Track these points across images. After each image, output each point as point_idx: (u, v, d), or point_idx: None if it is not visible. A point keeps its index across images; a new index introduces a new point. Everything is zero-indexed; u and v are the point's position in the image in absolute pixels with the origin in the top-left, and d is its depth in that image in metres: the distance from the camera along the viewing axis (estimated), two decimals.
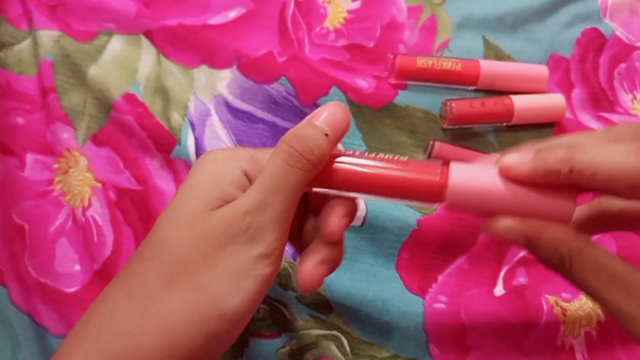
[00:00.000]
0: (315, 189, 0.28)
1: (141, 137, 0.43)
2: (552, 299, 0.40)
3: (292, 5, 0.47)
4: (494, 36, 0.47)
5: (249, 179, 0.28)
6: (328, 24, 0.47)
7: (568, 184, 0.23)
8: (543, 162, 0.24)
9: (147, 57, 0.45)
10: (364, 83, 0.44)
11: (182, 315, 0.25)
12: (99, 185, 0.42)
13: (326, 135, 0.26)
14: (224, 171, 0.27)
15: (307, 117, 0.28)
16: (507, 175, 0.25)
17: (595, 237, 0.41)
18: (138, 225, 0.41)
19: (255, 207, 0.26)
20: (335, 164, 0.27)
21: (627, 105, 0.45)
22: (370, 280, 0.40)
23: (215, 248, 0.25)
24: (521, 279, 0.40)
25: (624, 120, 0.44)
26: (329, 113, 0.27)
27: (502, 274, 0.41)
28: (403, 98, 0.44)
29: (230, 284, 0.25)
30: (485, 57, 0.46)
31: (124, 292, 0.26)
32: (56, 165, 0.43)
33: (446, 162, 0.27)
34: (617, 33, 0.47)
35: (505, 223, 0.25)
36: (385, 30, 0.47)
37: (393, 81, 0.44)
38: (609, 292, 0.23)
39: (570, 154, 0.23)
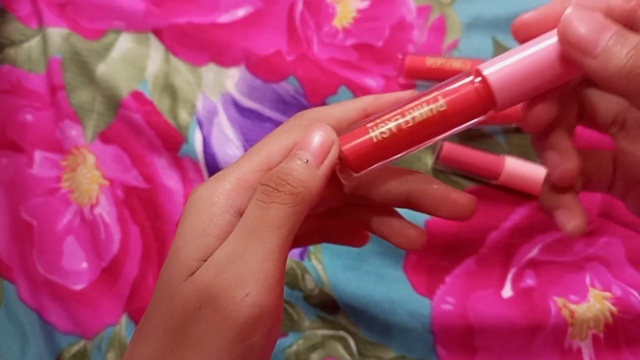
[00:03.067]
0: (357, 175, 0.25)
1: (149, 135, 0.43)
2: (560, 301, 0.40)
3: (300, 5, 0.47)
4: (504, 37, 0.46)
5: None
6: (337, 23, 0.47)
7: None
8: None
9: (155, 55, 0.45)
10: (372, 83, 0.44)
11: None
12: (107, 182, 0.43)
13: (306, 161, 0.23)
14: (209, 224, 0.23)
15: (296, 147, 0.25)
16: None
17: (603, 240, 0.41)
18: (145, 223, 0.42)
19: (232, 259, 0.22)
20: (366, 137, 0.24)
21: None
22: (377, 281, 0.40)
23: (194, 321, 0.21)
24: (529, 281, 0.40)
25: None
26: (305, 137, 0.24)
27: (510, 275, 0.40)
28: None
29: None
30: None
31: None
32: (64, 163, 0.43)
33: (466, 73, 0.24)
34: None
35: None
36: (394, 30, 0.46)
37: (402, 81, 0.44)
38: None
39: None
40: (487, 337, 0.39)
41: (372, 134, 0.24)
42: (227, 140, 0.43)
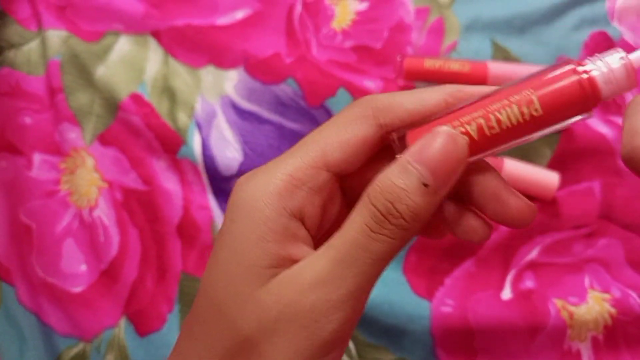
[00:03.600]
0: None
1: (148, 137, 0.43)
2: (559, 303, 0.39)
3: (299, 7, 0.47)
4: (502, 39, 0.46)
5: (303, 217, 0.21)
6: (335, 25, 0.47)
7: None
8: None
9: (154, 57, 0.46)
10: (371, 84, 0.44)
11: None
12: (106, 185, 0.43)
13: (425, 185, 0.19)
14: (265, 229, 0.20)
15: (406, 153, 0.20)
16: None
17: (602, 242, 0.41)
18: (144, 225, 0.42)
19: (323, 281, 0.20)
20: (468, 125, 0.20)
21: None
22: (377, 284, 0.40)
23: (271, 334, 0.20)
24: (528, 283, 0.40)
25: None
26: (432, 149, 0.19)
27: (509, 277, 0.40)
28: None
29: None
30: (494, 59, 0.46)
31: None
32: (63, 165, 0.43)
33: (566, 62, 0.20)
34: (625, 37, 0.47)
35: None
36: (392, 32, 0.47)
37: (401, 83, 0.44)
38: None
39: None
40: (487, 339, 0.39)
41: (449, 140, 0.20)
42: (226, 142, 0.43)
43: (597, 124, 0.44)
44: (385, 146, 0.23)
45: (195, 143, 0.42)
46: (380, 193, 0.19)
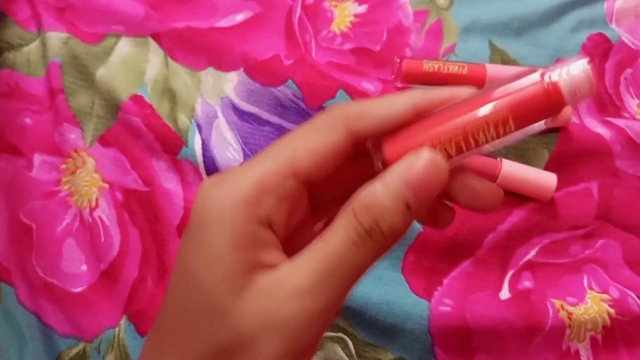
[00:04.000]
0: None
1: (148, 138, 0.43)
2: (557, 303, 0.40)
3: (299, 9, 0.47)
4: (500, 41, 0.47)
5: (271, 223, 0.21)
6: (335, 27, 0.47)
7: None
8: None
9: (154, 59, 0.46)
10: (370, 86, 0.45)
11: None
12: (106, 186, 0.43)
13: (407, 206, 0.20)
14: (235, 237, 0.20)
15: (393, 172, 0.20)
16: None
17: (600, 242, 0.41)
18: (144, 226, 0.42)
19: (303, 292, 0.20)
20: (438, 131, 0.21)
21: (633, 110, 0.45)
22: (375, 283, 0.40)
23: (249, 344, 0.20)
24: (527, 283, 0.40)
25: (630, 125, 0.44)
26: (417, 174, 0.20)
27: (507, 277, 0.40)
28: None
29: None
30: (491, 61, 0.46)
31: None
32: (64, 166, 0.43)
33: (532, 71, 0.21)
34: (623, 38, 0.47)
35: None
36: (391, 34, 0.47)
37: (399, 85, 0.45)
38: None
39: None
40: (485, 339, 0.39)
41: (433, 166, 0.21)
42: (226, 143, 0.43)
43: (595, 125, 0.44)
44: (355, 153, 0.23)
45: (196, 144, 0.43)
46: (366, 210, 0.20)
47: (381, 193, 0.20)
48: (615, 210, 0.42)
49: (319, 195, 0.24)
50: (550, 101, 0.21)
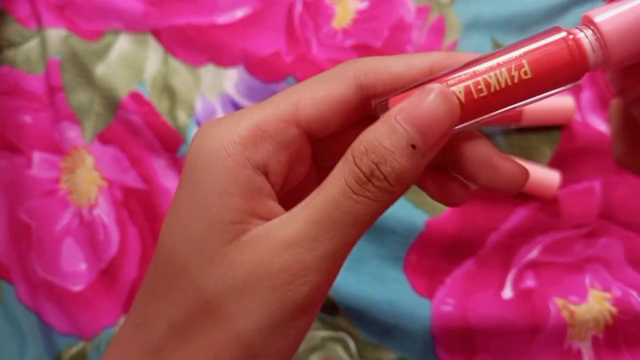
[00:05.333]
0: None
1: (147, 136, 0.43)
2: (560, 302, 0.39)
3: (299, 6, 0.47)
4: (503, 38, 0.46)
5: (267, 171, 0.20)
6: (336, 24, 0.47)
7: None
8: None
9: (154, 56, 0.46)
10: None
11: None
12: (106, 184, 0.42)
13: (413, 147, 0.18)
14: (228, 180, 0.19)
15: (395, 109, 0.19)
16: None
17: (602, 241, 0.41)
18: (144, 224, 0.42)
19: (297, 242, 0.18)
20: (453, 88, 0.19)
21: None
22: (377, 282, 0.40)
23: (238, 295, 0.19)
24: (529, 282, 0.40)
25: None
26: (423, 107, 0.18)
27: (510, 277, 0.40)
28: None
29: (251, 348, 0.19)
30: None
31: (135, 346, 0.20)
32: (63, 164, 0.43)
33: (557, 29, 0.19)
34: None
35: None
36: (393, 31, 0.46)
37: None
38: None
39: None
40: (487, 338, 0.39)
41: (440, 98, 0.18)
42: None
43: (598, 123, 0.44)
44: (367, 117, 0.21)
45: None
46: (365, 153, 0.18)
47: (382, 133, 0.18)
48: (618, 208, 0.42)
49: (326, 156, 0.22)
50: (572, 52, 0.18)
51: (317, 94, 0.20)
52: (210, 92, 0.44)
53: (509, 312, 0.39)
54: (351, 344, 0.39)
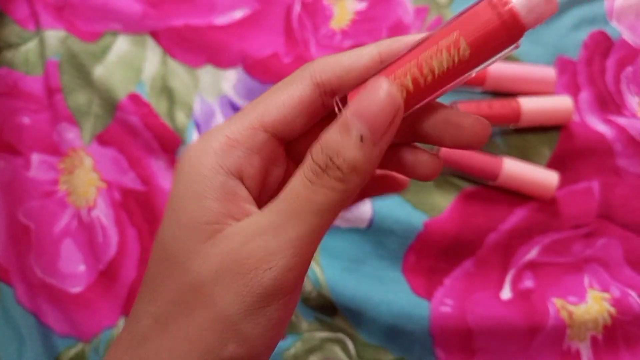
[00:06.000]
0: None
1: (146, 137, 0.43)
2: (558, 302, 0.39)
3: (298, 6, 0.47)
4: None
5: (242, 176, 0.22)
6: (334, 25, 0.47)
7: None
8: None
9: (152, 57, 0.45)
10: None
11: None
12: (104, 185, 0.42)
13: (361, 139, 0.19)
14: (202, 186, 0.21)
15: (346, 108, 0.20)
16: None
17: (601, 241, 0.41)
18: (143, 225, 0.41)
19: (264, 230, 0.20)
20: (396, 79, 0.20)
21: (634, 108, 0.45)
22: (375, 283, 0.40)
23: (213, 282, 0.20)
24: (528, 283, 0.40)
25: (631, 124, 0.43)
26: (368, 102, 0.20)
27: (508, 277, 0.40)
28: None
29: (223, 333, 0.20)
30: None
31: (125, 339, 0.22)
32: (61, 165, 0.43)
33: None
34: (624, 36, 0.47)
35: None
36: (391, 32, 0.46)
37: None
38: None
39: None
40: (486, 339, 0.39)
41: (384, 92, 0.20)
42: None
43: (596, 123, 0.44)
44: (332, 113, 0.22)
45: None
46: (321, 149, 0.20)
47: (334, 130, 0.20)
48: (616, 209, 0.42)
49: (302, 157, 0.23)
50: (501, 16, 0.19)
51: (279, 99, 0.22)
52: (208, 93, 0.44)
53: (508, 312, 0.39)
54: (350, 345, 0.39)
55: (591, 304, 0.40)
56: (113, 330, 0.40)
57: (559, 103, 0.43)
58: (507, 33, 0.19)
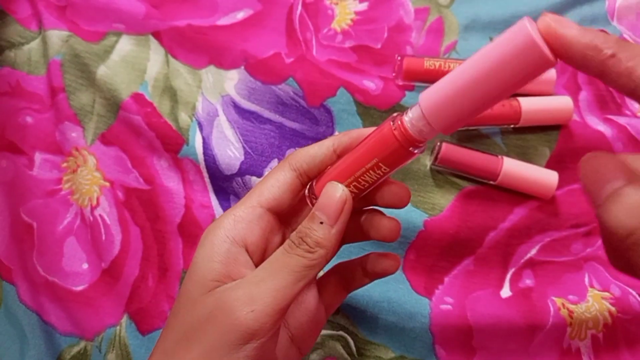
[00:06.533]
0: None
1: (149, 137, 0.43)
2: (558, 301, 0.40)
3: (299, 7, 0.47)
4: None
5: (246, 244, 0.29)
6: (335, 25, 0.47)
7: (595, 66, 0.22)
8: (591, 35, 0.22)
9: (155, 57, 0.46)
10: (371, 84, 0.45)
11: None
12: (107, 184, 0.43)
13: (321, 223, 0.27)
14: (212, 252, 0.28)
15: (315, 204, 0.28)
16: (548, 31, 0.23)
17: (600, 241, 0.41)
18: (145, 224, 0.42)
19: (247, 282, 0.27)
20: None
21: (634, 107, 0.45)
22: (376, 281, 0.40)
23: (205, 321, 0.26)
24: (528, 281, 0.40)
25: (631, 123, 0.44)
26: (325, 199, 0.28)
27: (508, 275, 0.40)
28: (410, 99, 0.44)
29: None
30: None
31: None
32: (65, 165, 0.43)
33: (389, 119, 0.27)
34: (625, 36, 0.47)
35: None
36: (392, 32, 0.47)
37: (400, 82, 0.44)
38: None
39: (622, 43, 0.21)
40: (486, 337, 0.39)
41: (337, 193, 0.28)
42: (226, 141, 0.43)
43: (596, 123, 0.44)
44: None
45: (197, 142, 0.43)
46: (296, 233, 0.28)
47: (306, 221, 0.28)
48: None
49: (292, 226, 0.32)
50: (403, 144, 0.26)
51: (269, 182, 0.30)
52: (211, 93, 0.44)
53: (508, 311, 0.39)
54: (351, 342, 0.39)
55: (591, 302, 0.40)
56: (116, 328, 0.40)
57: (559, 103, 0.43)
58: (404, 147, 0.26)
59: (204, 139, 0.43)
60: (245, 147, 0.43)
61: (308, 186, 0.30)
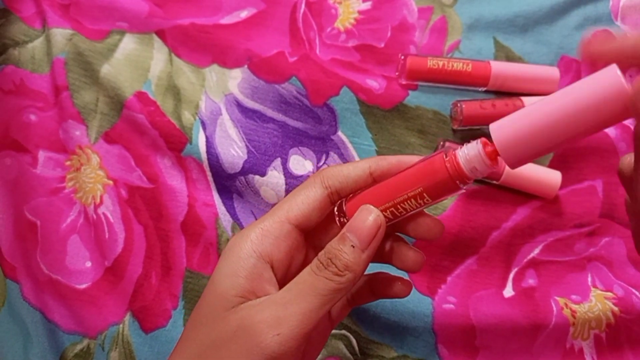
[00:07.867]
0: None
1: (152, 135, 0.43)
2: (561, 301, 0.40)
3: (303, 6, 0.47)
4: (505, 38, 0.47)
5: (272, 260, 0.28)
6: (339, 24, 0.47)
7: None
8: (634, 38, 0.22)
9: (159, 56, 0.46)
10: (374, 83, 0.45)
11: None
12: (111, 182, 0.43)
13: (353, 246, 0.27)
14: (237, 266, 0.27)
15: (346, 225, 0.28)
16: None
17: (604, 240, 0.41)
18: (149, 222, 0.42)
19: (274, 303, 0.26)
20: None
21: None
22: None
23: (228, 341, 0.26)
24: (530, 281, 0.40)
25: (634, 123, 0.43)
26: (359, 222, 0.27)
27: (511, 275, 0.40)
28: (413, 99, 0.44)
29: None
30: (496, 58, 0.46)
31: None
32: (68, 163, 0.43)
33: (439, 152, 0.27)
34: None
35: None
36: (395, 31, 0.47)
37: (403, 82, 0.44)
38: None
39: None
40: (489, 337, 0.39)
41: (371, 217, 0.28)
42: (230, 140, 0.43)
43: None
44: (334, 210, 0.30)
45: (200, 141, 0.43)
46: (325, 253, 0.27)
47: (336, 241, 0.27)
48: (619, 208, 0.42)
49: (317, 244, 0.31)
50: (453, 177, 0.26)
51: (299, 199, 0.29)
52: (214, 92, 0.45)
53: (511, 310, 0.39)
54: (354, 341, 0.39)
55: (594, 302, 0.40)
56: (119, 326, 0.40)
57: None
58: (455, 183, 0.26)
59: (207, 137, 0.43)
60: (248, 146, 0.43)
61: (337, 204, 0.30)
